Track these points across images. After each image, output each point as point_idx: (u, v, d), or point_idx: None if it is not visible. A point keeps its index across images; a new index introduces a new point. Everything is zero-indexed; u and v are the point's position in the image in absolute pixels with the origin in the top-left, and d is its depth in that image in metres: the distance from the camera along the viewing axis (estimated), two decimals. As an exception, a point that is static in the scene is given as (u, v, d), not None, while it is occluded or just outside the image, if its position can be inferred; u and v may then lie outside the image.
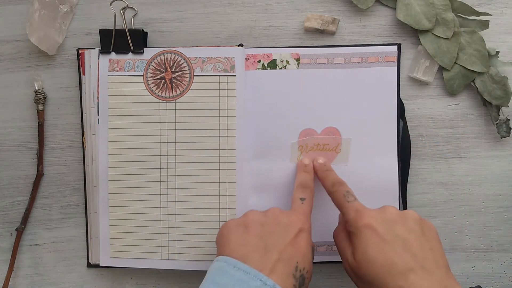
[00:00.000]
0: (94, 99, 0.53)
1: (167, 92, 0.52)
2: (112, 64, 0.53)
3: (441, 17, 0.53)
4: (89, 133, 0.54)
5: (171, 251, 0.53)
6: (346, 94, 0.53)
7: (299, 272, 0.42)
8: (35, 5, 0.52)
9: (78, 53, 0.53)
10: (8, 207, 0.56)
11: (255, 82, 0.53)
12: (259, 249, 0.42)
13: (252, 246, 0.42)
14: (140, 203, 0.53)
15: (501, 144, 0.55)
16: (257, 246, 0.42)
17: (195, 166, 0.53)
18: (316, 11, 0.54)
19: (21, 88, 0.55)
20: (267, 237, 0.43)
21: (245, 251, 0.42)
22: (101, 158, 0.53)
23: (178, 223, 0.53)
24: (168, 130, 0.53)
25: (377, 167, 0.54)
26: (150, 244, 0.53)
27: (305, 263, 0.43)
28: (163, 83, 0.52)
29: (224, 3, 0.54)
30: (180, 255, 0.53)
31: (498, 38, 0.54)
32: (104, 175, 0.53)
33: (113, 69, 0.53)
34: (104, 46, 0.53)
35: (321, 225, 0.54)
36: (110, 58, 0.53)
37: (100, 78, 0.53)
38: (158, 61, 0.53)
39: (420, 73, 0.54)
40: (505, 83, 0.53)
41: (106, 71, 0.53)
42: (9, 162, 0.55)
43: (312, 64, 0.53)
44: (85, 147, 0.54)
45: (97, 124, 0.53)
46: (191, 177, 0.53)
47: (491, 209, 0.55)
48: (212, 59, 0.52)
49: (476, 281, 0.56)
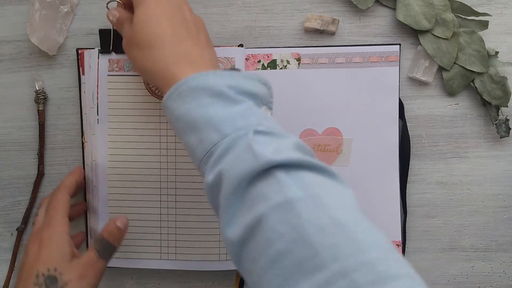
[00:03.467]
0: (93, 99, 0.53)
1: None
2: (111, 64, 0.52)
3: (441, 17, 0.53)
4: (88, 133, 0.53)
5: (171, 251, 0.53)
6: (347, 94, 0.53)
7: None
8: (35, 6, 0.52)
9: (77, 53, 0.53)
10: (8, 207, 0.56)
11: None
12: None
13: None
14: (140, 203, 0.53)
15: (501, 144, 0.55)
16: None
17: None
18: (316, 11, 0.54)
19: (22, 88, 0.55)
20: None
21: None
22: (100, 158, 0.53)
23: (178, 223, 0.53)
24: (168, 130, 0.53)
25: (377, 167, 0.54)
26: (150, 244, 0.53)
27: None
28: None
29: (224, 3, 0.54)
30: (180, 255, 0.53)
31: (498, 38, 0.54)
32: (103, 175, 0.53)
33: (112, 69, 0.52)
34: (104, 46, 0.53)
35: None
36: (110, 58, 0.52)
37: (100, 78, 0.52)
38: None
39: (419, 73, 0.54)
40: (505, 83, 0.53)
41: (106, 71, 0.52)
42: (9, 162, 0.55)
43: (313, 64, 0.53)
44: (84, 147, 0.54)
45: (97, 124, 0.53)
46: (191, 177, 0.53)
47: (490, 209, 0.56)
48: None
49: (475, 281, 0.56)
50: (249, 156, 0.35)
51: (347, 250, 0.31)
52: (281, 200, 0.33)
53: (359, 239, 0.31)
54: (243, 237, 0.35)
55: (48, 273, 0.44)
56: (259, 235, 0.34)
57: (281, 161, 0.35)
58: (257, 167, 0.35)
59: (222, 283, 0.56)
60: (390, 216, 0.54)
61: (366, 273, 0.29)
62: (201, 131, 0.38)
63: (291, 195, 0.33)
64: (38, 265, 0.45)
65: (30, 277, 0.44)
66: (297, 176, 0.35)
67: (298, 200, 0.33)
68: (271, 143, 0.36)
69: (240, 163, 0.36)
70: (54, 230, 0.46)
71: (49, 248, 0.45)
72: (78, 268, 0.45)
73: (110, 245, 0.47)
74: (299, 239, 0.32)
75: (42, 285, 0.44)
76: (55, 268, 0.44)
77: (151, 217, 0.53)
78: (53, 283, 0.44)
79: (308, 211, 0.33)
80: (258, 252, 0.34)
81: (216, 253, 0.53)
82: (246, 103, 0.39)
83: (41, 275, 0.44)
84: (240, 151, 0.36)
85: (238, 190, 0.35)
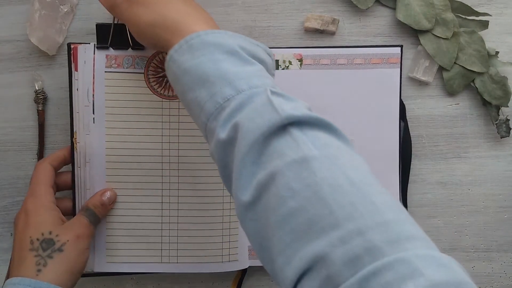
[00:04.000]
0: (89, 97, 0.50)
1: (170, 90, 0.51)
2: (109, 60, 0.50)
3: (441, 17, 0.53)
4: (81, 133, 0.50)
5: (172, 254, 0.52)
6: (348, 95, 0.53)
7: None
8: (35, 5, 0.52)
9: (69, 48, 0.50)
10: (8, 207, 0.56)
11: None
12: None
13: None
14: (140, 205, 0.51)
15: (501, 144, 0.55)
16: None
17: (199, 166, 0.51)
18: (316, 11, 0.54)
19: (22, 88, 0.55)
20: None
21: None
22: (97, 160, 0.51)
23: (180, 225, 0.51)
24: (171, 130, 0.51)
25: (378, 169, 0.53)
26: (150, 247, 0.51)
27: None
28: (165, 81, 0.51)
29: (224, 3, 0.54)
30: (182, 257, 0.52)
31: (498, 38, 0.54)
32: (100, 177, 0.51)
33: (110, 65, 0.50)
34: (101, 41, 0.50)
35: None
36: (107, 53, 0.50)
37: (96, 74, 0.50)
38: (160, 59, 0.51)
39: (420, 73, 0.54)
40: (505, 83, 0.53)
41: (103, 67, 0.50)
42: (9, 162, 0.55)
43: (315, 64, 0.53)
44: (76, 148, 0.51)
45: (92, 123, 0.50)
46: (195, 178, 0.51)
47: (491, 209, 0.56)
48: None
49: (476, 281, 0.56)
50: (269, 110, 0.35)
51: (363, 210, 0.30)
52: (297, 157, 0.33)
53: (374, 200, 0.31)
54: (254, 195, 0.34)
55: (43, 237, 0.45)
56: (271, 193, 0.33)
57: (302, 116, 0.34)
58: (278, 121, 0.34)
59: (222, 283, 0.56)
60: (390, 216, 0.54)
61: (383, 232, 0.29)
62: (214, 85, 0.37)
63: (308, 153, 0.33)
64: (29, 231, 0.45)
65: (24, 244, 0.45)
66: (313, 135, 0.34)
67: (314, 158, 0.32)
68: (287, 102, 0.36)
69: (259, 117, 0.35)
70: (39, 199, 0.47)
71: (38, 214, 0.46)
72: (74, 229, 0.47)
73: (96, 215, 0.49)
74: (314, 197, 0.31)
75: (38, 249, 0.44)
76: (50, 232, 0.45)
77: (151, 220, 0.51)
78: (50, 245, 0.45)
79: (325, 169, 0.32)
80: (269, 210, 0.33)
81: (219, 254, 0.52)
82: (258, 66, 0.39)
83: (35, 240, 0.45)
84: (258, 105, 0.35)
85: (254, 146, 0.34)
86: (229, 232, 0.52)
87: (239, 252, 0.53)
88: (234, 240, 0.52)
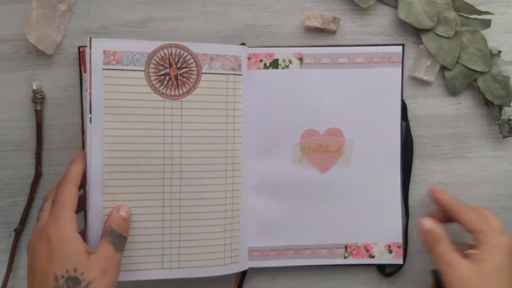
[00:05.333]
0: (86, 95, 0.49)
1: (172, 89, 0.49)
2: (107, 57, 0.48)
3: (443, 16, 0.53)
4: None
5: (174, 259, 0.50)
6: (349, 94, 0.53)
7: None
8: (33, 4, 0.52)
9: (79, 50, 0.52)
10: (6, 207, 0.55)
11: (257, 81, 0.52)
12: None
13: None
14: (140, 210, 0.49)
15: (503, 144, 0.55)
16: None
17: (201, 168, 0.50)
18: (316, 10, 0.54)
19: (19, 87, 0.54)
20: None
21: None
22: (94, 161, 0.48)
23: (182, 229, 0.50)
24: (173, 130, 0.49)
25: (379, 169, 0.54)
26: (151, 253, 0.50)
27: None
28: (167, 80, 0.49)
29: (223, 2, 0.54)
30: (184, 262, 0.50)
31: (500, 37, 0.54)
32: (97, 180, 0.48)
33: (108, 62, 0.48)
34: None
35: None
36: (105, 49, 0.48)
37: (93, 72, 0.47)
38: (161, 55, 0.49)
39: (421, 73, 0.54)
40: (507, 83, 0.53)
41: (101, 64, 0.48)
42: (7, 162, 0.55)
43: (315, 64, 0.53)
44: (85, 145, 0.49)
45: (89, 123, 0.48)
46: (197, 180, 0.50)
47: (493, 210, 0.55)
48: (221, 56, 0.50)
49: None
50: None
51: None
52: None
53: None
54: None
55: (68, 275, 0.42)
56: None
57: None
58: None
59: (222, 283, 0.55)
60: (391, 218, 0.54)
61: None
62: None
63: None
64: (53, 267, 0.42)
65: (47, 280, 0.42)
66: None
67: None
68: None
69: None
70: (63, 228, 0.43)
71: (62, 247, 0.43)
72: (99, 264, 0.43)
73: (121, 236, 0.46)
74: None
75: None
76: (74, 269, 0.42)
77: (152, 224, 0.50)
78: (76, 284, 0.42)
79: None
80: None
81: (221, 257, 0.51)
82: None
83: (60, 277, 0.42)
84: None
85: None
86: (231, 234, 0.52)
87: (239, 254, 0.52)
88: (236, 242, 0.52)
